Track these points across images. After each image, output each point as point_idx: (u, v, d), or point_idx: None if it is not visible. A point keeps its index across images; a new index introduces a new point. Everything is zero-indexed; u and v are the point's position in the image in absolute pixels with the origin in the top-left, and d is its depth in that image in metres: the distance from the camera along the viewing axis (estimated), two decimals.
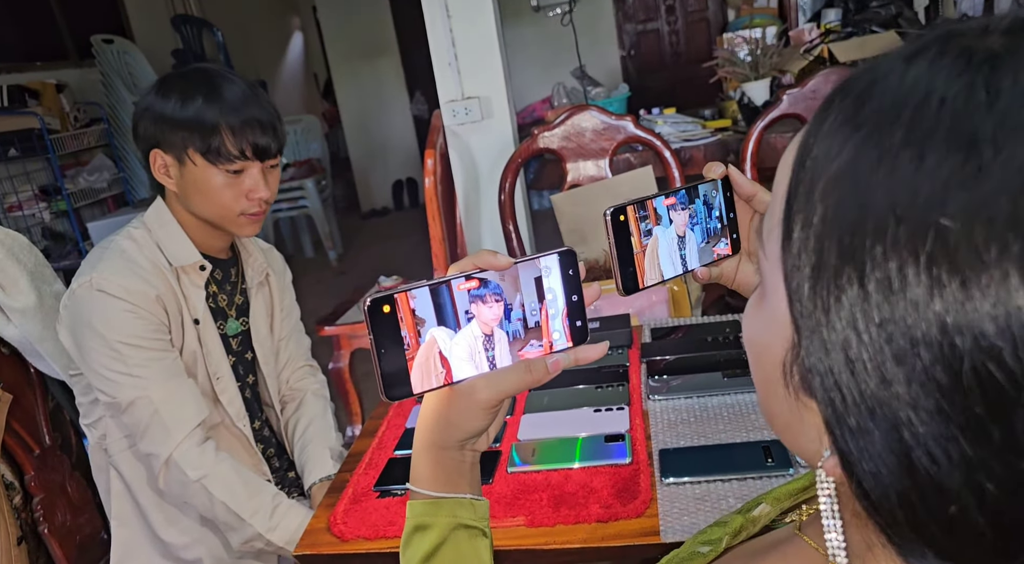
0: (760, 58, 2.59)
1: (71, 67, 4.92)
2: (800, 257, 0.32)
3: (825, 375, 0.31)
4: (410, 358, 0.51)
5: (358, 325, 2.70)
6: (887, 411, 0.29)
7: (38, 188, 4.38)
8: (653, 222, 0.62)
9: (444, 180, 2.61)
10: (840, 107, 0.33)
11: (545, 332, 0.55)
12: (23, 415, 1.42)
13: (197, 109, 1.20)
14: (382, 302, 0.50)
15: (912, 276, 0.28)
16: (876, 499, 0.32)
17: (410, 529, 0.59)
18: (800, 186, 0.33)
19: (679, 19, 6.05)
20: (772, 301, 0.37)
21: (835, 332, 0.30)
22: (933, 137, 0.28)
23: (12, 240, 1.42)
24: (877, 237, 0.29)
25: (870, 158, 0.30)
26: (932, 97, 0.29)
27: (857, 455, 0.31)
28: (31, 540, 1.38)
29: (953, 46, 0.30)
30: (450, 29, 2.54)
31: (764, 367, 0.38)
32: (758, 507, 0.52)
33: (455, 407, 0.55)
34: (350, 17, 6.36)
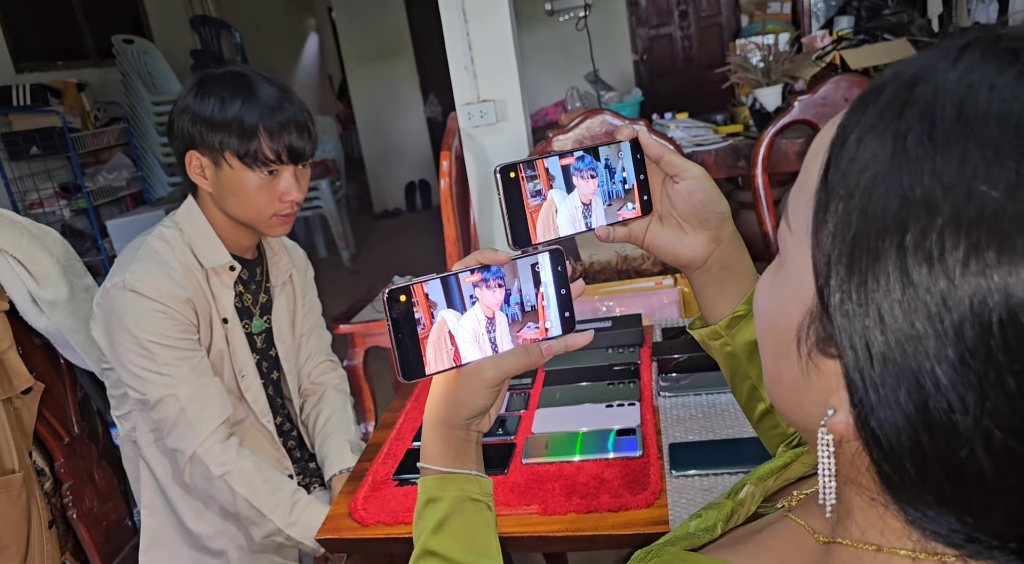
0: (772, 64, 2.62)
1: (92, 67, 5.00)
2: (838, 228, 0.36)
3: (853, 331, 0.35)
4: (424, 337, 0.57)
5: (372, 323, 2.75)
6: (912, 362, 0.33)
7: (59, 185, 4.46)
8: (545, 182, 0.63)
9: (459, 182, 2.65)
10: (885, 96, 0.36)
11: (541, 316, 0.61)
12: (53, 404, 1.47)
13: (236, 112, 1.23)
14: (399, 292, 0.56)
15: (951, 242, 0.31)
16: (887, 446, 0.35)
17: (422, 502, 0.64)
18: (841, 165, 0.36)
19: (692, 24, 6.08)
20: (792, 270, 0.40)
21: (870, 293, 0.34)
22: (984, 120, 0.32)
23: (44, 234, 1.47)
24: (920, 205, 0.32)
25: (916, 139, 0.33)
26: (980, 87, 0.32)
27: (875, 405, 0.35)
28: (60, 524, 1.43)
29: (995, 47, 0.34)
30: (467, 32, 2.58)
31: (777, 332, 0.42)
32: (744, 489, 0.56)
33: (462, 386, 0.61)
34: (365, 19, 6.43)
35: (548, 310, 0.62)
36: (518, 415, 1.27)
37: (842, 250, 0.35)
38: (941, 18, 3.77)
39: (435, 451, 0.63)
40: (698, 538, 0.54)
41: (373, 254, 5.65)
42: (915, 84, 0.35)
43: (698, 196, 0.66)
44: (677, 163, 0.66)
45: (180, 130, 1.27)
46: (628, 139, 0.67)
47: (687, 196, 0.66)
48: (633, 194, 0.68)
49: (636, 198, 0.68)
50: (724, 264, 0.69)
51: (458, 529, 0.62)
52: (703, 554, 0.50)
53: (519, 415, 1.27)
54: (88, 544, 1.46)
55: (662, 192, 0.69)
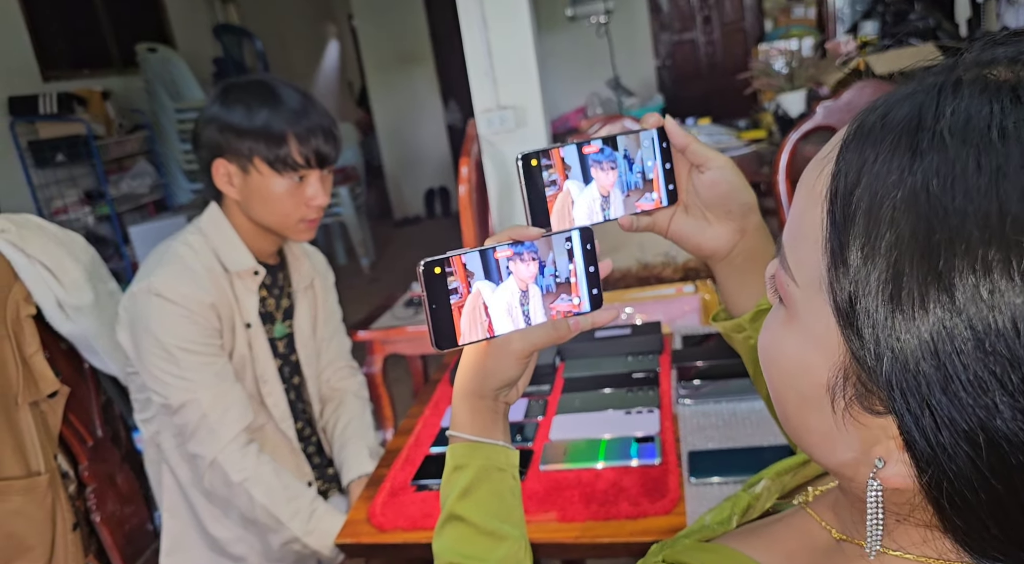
0: (796, 69, 2.60)
1: (116, 75, 5.08)
2: (867, 279, 0.34)
3: (907, 390, 0.33)
4: (458, 306, 0.57)
5: (392, 330, 2.75)
6: (980, 416, 0.31)
7: (83, 192, 4.52)
8: (560, 173, 0.63)
9: (478, 188, 2.66)
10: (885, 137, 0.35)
11: (573, 291, 0.62)
12: (78, 407, 1.48)
13: (265, 119, 1.24)
14: (435, 264, 0.57)
15: (1005, 284, 0.30)
16: (963, 505, 0.33)
17: (450, 469, 0.65)
18: (854, 214, 0.35)
19: (715, 30, 6.05)
20: (809, 324, 0.39)
21: (921, 345, 0.32)
22: (1009, 161, 0.31)
23: (71, 240, 1.49)
24: (963, 253, 0.31)
25: (941, 183, 0.32)
26: (993, 127, 0.32)
27: (947, 467, 0.33)
28: (84, 527, 1.45)
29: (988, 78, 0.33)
30: (486, 39, 2.59)
31: (801, 386, 0.40)
32: (760, 483, 0.55)
33: (492, 358, 0.62)
34: (386, 26, 6.47)
35: (578, 285, 0.62)
36: (536, 422, 1.27)
37: (882, 305, 0.34)
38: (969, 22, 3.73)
39: (464, 420, 0.65)
40: (712, 530, 0.53)
41: (392, 261, 5.67)
42: (918, 128, 0.34)
43: (723, 186, 0.65)
44: (703, 152, 0.65)
45: (207, 139, 1.28)
46: (654, 127, 0.66)
47: (712, 186, 0.66)
48: (654, 184, 0.67)
49: (659, 187, 0.67)
50: (749, 255, 0.68)
51: (483, 496, 0.63)
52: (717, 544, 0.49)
53: (537, 422, 1.27)
54: (111, 547, 1.47)
55: (687, 182, 0.68)
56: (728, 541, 0.50)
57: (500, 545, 0.63)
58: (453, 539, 0.64)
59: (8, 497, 1.30)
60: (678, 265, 1.94)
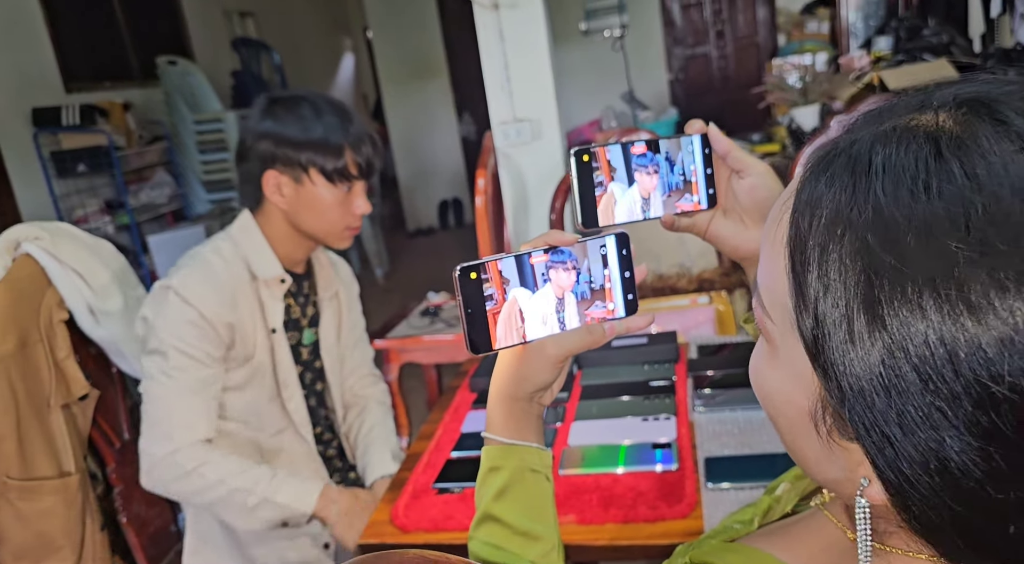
0: (810, 84, 2.63)
1: (136, 87, 5.16)
2: (824, 320, 0.37)
3: (870, 425, 0.36)
4: (494, 312, 0.58)
5: (408, 339, 2.79)
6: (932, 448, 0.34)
7: (103, 202, 4.60)
8: (607, 174, 0.65)
9: (494, 199, 2.69)
10: (829, 186, 0.37)
11: (607, 296, 0.63)
12: (106, 411, 1.52)
13: (322, 132, 1.28)
14: (470, 269, 0.57)
15: (934, 315, 0.33)
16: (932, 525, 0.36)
17: (485, 471, 0.67)
18: (807, 258, 0.38)
19: (728, 44, 6.09)
20: (787, 359, 0.41)
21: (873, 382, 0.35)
22: (936, 216, 0.33)
23: (101, 247, 1.53)
24: (900, 297, 0.33)
25: (877, 236, 0.35)
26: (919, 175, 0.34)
27: (909, 490, 0.36)
28: (110, 528, 1.48)
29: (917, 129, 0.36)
30: (503, 53, 2.63)
31: (788, 416, 0.43)
32: (780, 486, 0.58)
33: (527, 362, 0.63)
34: (401, 38, 6.54)
35: (613, 291, 0.63)
36: (554, 428, 1.29)
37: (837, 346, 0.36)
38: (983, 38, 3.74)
39: (499, 422, 0.66)
40: (736, 531, 0.56)
41: (406, 271, 5.71)
42: (856, 183, 0.36)
43: (762, 192, 0.68)
44: (743, 159, 0.68)
45: (259, 152, 1.31)
46: (699, 133, 0.68)
47: (751, 191, 0.68)
48: (694, 187, 0.69)
49: (699, 190, 0.69)
50: None
51: (518, 497, 0.65)
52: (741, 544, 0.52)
53: (555, 428, 1.29)
54: (136, 548, 1.50)
55: (727, 187, 0.70)
56: (752, 541, 0.52)
57: (534, 545, 0.65)
58: (488, 539, 0.66)
59: (41, 497, 1.34)
60: (692, 277, 1.96)
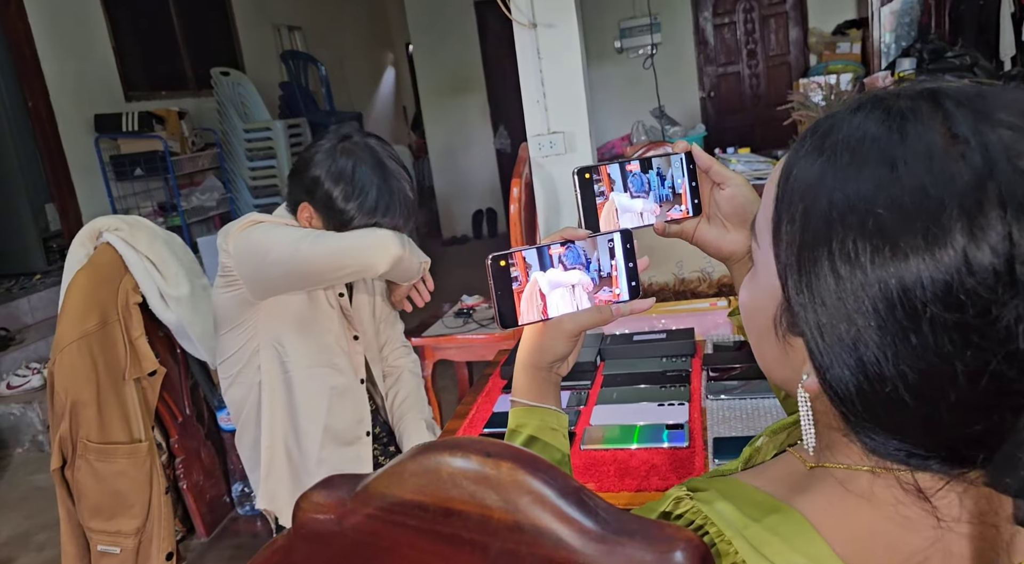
0: (834, 102, 2.73)
1: (191, 96, 5.42)
2: (789, 242, 0.49)
3: (809, 317, 0.48)
4: (519, 292, 0.71)
5: (442, 337, 2.93)
6: (849, 333, 0.46)
7: (157, 204, 4.84)
8: (607, 186, 0.77)
9: (527, 207, 2.83)
10: (811, 140, 0.50)
11: (614, 282, 0.75)
12: (171, 388, 1.68)
13: (371, 207, 1.40)
14: (500, 257, 0.70)
15: (861, 246, 0.45)
16: (842, 393, 0.48)
17: (511, 429, 0.79)
18: (785, 194, 0.50)
19: (760, 63, 6.18)
20: (763, 275, 0.54)
21: (815, 287, 0.47)
22: (869, 159, 0.46)
23: (172, 239, 1.70)
24: (839, 223, 0.46)
25: (829, 172, 0.47)
26: (867, 136, 0.46)
27: (829, 366, 0.48)
28: (172, 493, 1.63)
29: (879, 105, 0.48)
30: (540, 69, 2.77)
31: (758, 322, 0.55)
32: (760, 439, 0.69)
33: (547, 336, 0.76)
34: (441, 54, 6.75)
35: (619, 278, 0.75)
36: (577, 410, 1.41)
37: (793, 258, 0.49)
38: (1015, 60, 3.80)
39: (523, 387, 0.78)
40: (720, 473, 0.68)
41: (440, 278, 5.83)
42: (827, 135, 0.49)
43: (739, 200, 0.81)
44: (723, 172, 0.81)
45: (312, 185, 1.42)
46: (682, 152, 0.81)
47: (730, 199, 0.81)
48: (682, 198, 0.81)
49: (686, 201, 0.81)
50: None
51: (539, 451, 0.77)
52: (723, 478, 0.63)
53: (578, 410, 1.42)
54: (194, 513, 1.66)
55: (710, 197, 0.83)
56: (731, 476, 0.64)
57: None
58: None
59: (115, 459, 1.50)
60: (712, 281, 2.07)
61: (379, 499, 0.46)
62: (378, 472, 0.47)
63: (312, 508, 0.48)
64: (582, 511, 0.43)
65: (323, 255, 1.37)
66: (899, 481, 0.48)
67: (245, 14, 6.17)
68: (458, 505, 0.43)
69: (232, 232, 1.41)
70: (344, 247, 1.38)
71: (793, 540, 0.49)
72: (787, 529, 0.49)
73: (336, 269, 1.40)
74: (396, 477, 0.45)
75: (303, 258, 1.36)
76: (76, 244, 1.61)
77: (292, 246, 1.36)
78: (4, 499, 3.01)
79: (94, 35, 4.66)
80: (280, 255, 1.37)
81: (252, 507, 2.04)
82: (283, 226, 1.42)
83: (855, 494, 0.50)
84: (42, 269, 4.41)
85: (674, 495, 0.57)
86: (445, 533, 0.43)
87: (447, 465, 0.44)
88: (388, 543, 0.45)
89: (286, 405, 1.50)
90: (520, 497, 0.42)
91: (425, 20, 6.64)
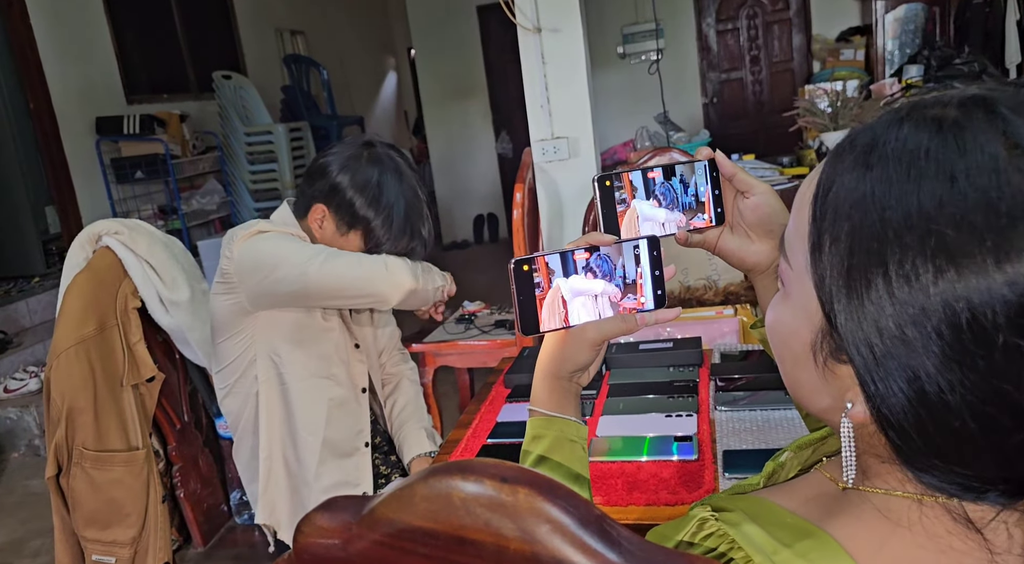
0: (840, 109, 2.71)
1: (192, 99, 5.41)
2: (833, 262, 0.46)
3: (859, 343, 0.45)
4: (541, 298, 0.68)
5: (443, 344, 2.90)
6: (908, 360, 0.43)
7: (157, 207, 4.81)
8: (629, 193, 0.75)
9: (530, 212, 2.81)
10: (852, 155, 0.47)
11: (638, 291, 0.72)
12: (169, 394, 1.65)
13: (393, 227, 1.38)
14: (523, 262, 0.68)
15: (922, 266, 0.42)
16: (897, 424, 0.45)
17: (529, 438, 0.76)
18: (826, 212, 0.47)
19: (763, 69, 6.17)
20: (797, 298, 0.51)
21: (867, 311, 0.44)
22: (926, 173, 0.43)
23: (172, 243, 1.68)
24: (895, 242, 0.43)
25: (880, 188, 0.44)
26: (920, 148, 0.44)
27: (884, 396, 0.45)
28: (169, 502, 1.61)
29: (926, 115, 0.45)
30: (544, 74, 2.76)
31: (792, 348, 0.52)
32: (784, 454, 0.66)
33: (569, 344, 0.72)
34: (444, 59, 6.74)
35: (644, 287, 0.72)
36: (599, 366, 1.38)
37: (841, 280, 0.46)
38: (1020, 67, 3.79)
39: (542, 396, 0.75)
40: (742, 489, 0.65)
41: None
42: (871, 147, 0.46)
43: (764, 209, 0.77)
44: (747, 180, 0.78)
45: (328, 188, 1.40)
46: (706, 159, 0.78)
47: (755, 209, 0.77)
48: (705, 206, 0.78)
49: (709, 210, 0.78)
50: None
51: (557, 462, 0.74)
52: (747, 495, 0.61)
53: (584, 421, 1.38)
54: (191, 522, 1.63)
55: (733, 205, 0.79)
56: (755, 494, 0.61)
57: None
58: None
59: (112, 467, 1.47)
60: (719, 289, 2.05)
61: (387, 525, 0.43)
62: (384, 494, 0.44)
63: (315, 532, 0.46)
64: (604, 542, 0.40)
65: (332, 282, 1.35)
66: (948, 510, 0.45)
67: (247, 18, 6.16)
68: (472, 534, 0.40)
69: (237, 238, 1.38)
70: (355, 278, 1.36)
71: None
72: (819, 555, 0.47)
73: (344, 298, 1.39)
74: (405, 501, 0.43)
75: (312, 282, 1.34)
76: (75, 247, 1.59)
77: (300, 267, 1.34)
78: None
79: (96, 38, 4.64)
80: (287, 274, 1.35)
81: (250, 516, 2.01)
82: (290, 238, 1.39)
83: (892, 520, 0.47)
84: (41, 272, 4.39)
85: (698, 516, 0.54)
86: (458, 563, 0.41)
87: (459, 490, 0.41)
88: None
89: (284, 417, 1.48)
90: (538, 526, 0.39)
91: (427, 25, 6.63)
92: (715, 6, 6.17)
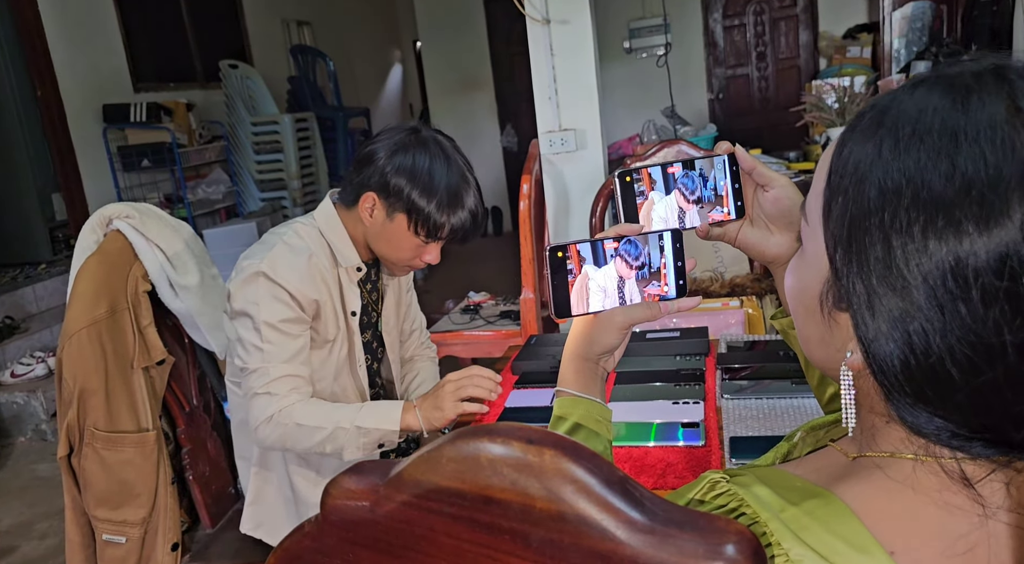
0: (847, 105, 2.71)
1: (199, 88, 5.42)
2: (840, 215, 0.48)
3: (856, 289, 0.47)
4: (572, 283, 0.72)
5: (449, 333, 2.92)
6: (898, 304, 0.45)
7: (163, 196, 4.83)
8: (648, 186, 0.77)
9: (536, 204, 2.82)
10: (869, 115, 0.49)
11: (663, 278, 0.75)
12: (178, 377, 1.67)
13: (454, 208, 1.38)
14: (557, 249, 0.71)
15: (914, 216, 0.44)
16: (886, 368, 0.47)
17: (555, 418, 0.78)
18: (838, 168, 0.50)
19: (770, 66, 6.17)
20: (811, 252, 0.53)
21: (864, 258, 0.47)
22: (930, 131, 0.45)
23: (182, 227, 1.69)
24: (892, 193, 0.45)
25: (886, 145, 0.46)
26: (928, 108, 0.45)
27: (875, 339, 0.47)
28: (178, 483, 1.62)
29: (942, 79, 0.47)
30: (552, 66, 2.76)
31: (805, 299, 0.55)
32: (797, 434, 0.68)
33: (597, 328, 0.75)
34: (450, 52, 6.73)
35: (668, 276, 0.75)
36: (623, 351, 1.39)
37: (843, 231, 0.48)
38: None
39: (570, 378, 0.78)
40: (755, 465, 0.66)
41: (445, 274, 5.84)
42: (886, 110, 0.48)
43: (784, 202, 0.79)
44: (767, 174, 0.79)
45: (383, 176, 1.38)
46: (726, 153, 0.79)
47: (775, 202, 0.79)
48: (724, 199, 0.80)
49: (728, 203, 0.80)
50: None
51: (582, 440, 0.75)
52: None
53: None
54: (200, 503, 1.64)
55: (753, 199, 0.81)
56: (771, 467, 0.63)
57: None
58: None
59: (122, 448, 1.48)
60: (725, 281, 2.06)
61: (414, 486, 0.44)
62: (412, 458, 0.46)
63: (343, 494, 0.47)
64: (628, 501, 0.41)
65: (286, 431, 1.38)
66: (943, 468, 0.47)
67: (254, 8, 6.16)
68: (498, 493, 0.42)
69: (235, 282, 1.42)
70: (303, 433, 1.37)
71: (831, 524, 0.48)
72: (825, 513, 0.49)
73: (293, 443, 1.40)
74: (432, 463, 0.44)
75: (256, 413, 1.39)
76: (86, 230, 1.59)
77: (258, 386, 1.39)
78: (6, 488, 3.01)
79: (104, 25, 4.65)
80: (247, 379, 1.40)
81: None
82: (275, 329, 1.39)
83: (897, 481, 0.49)
84: (48, 258, 4.41)
85: (709, 478, 0.56)
86: (484, 521, 0.42)
87: (487, 452, 0.42)
88: (424, 531, 0.44)
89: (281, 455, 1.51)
90: (563, 486, 0.41)
91: (434, 17, 6.63)
92: (722, 2, 6.16)
